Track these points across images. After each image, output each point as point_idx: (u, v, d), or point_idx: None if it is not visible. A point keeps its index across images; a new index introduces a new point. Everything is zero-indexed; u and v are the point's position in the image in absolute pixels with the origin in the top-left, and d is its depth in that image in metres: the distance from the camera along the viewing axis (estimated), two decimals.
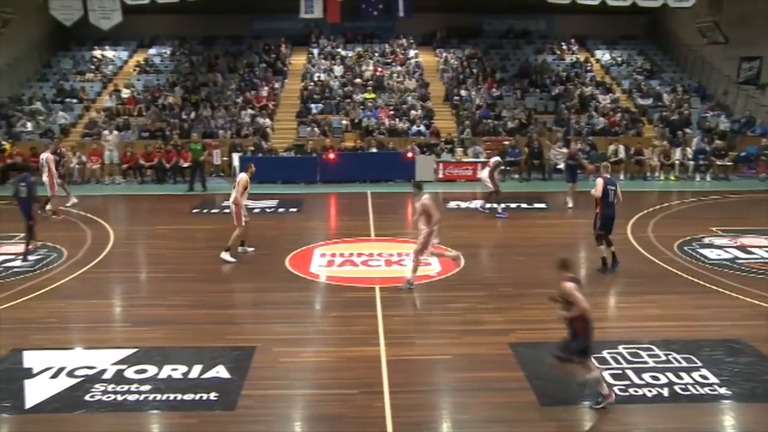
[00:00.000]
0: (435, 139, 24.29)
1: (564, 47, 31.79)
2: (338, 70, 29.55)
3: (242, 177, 13.74)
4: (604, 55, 31.96)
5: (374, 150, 23.16)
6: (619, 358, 8.80)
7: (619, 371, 8.43)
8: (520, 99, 27.47)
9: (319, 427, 7.54)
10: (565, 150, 22.84)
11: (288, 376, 8.62)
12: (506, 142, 23.97)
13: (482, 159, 22.84)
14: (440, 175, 22.30)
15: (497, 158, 17.95)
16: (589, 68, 30.35)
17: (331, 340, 9.75)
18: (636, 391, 7.95)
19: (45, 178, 17.27)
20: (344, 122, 25.73)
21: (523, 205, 18.58)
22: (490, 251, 14.24)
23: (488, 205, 17.65)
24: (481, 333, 9.82)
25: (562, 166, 22.49)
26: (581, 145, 23.30)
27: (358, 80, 28.54)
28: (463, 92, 27.68)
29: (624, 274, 12.56)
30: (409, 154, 22.30)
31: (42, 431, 7.38)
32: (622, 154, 23.25)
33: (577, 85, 28.38)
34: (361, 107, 26.49)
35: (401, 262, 13.38)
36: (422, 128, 25.17)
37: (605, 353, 8.87)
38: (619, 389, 7.96)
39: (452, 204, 18.74)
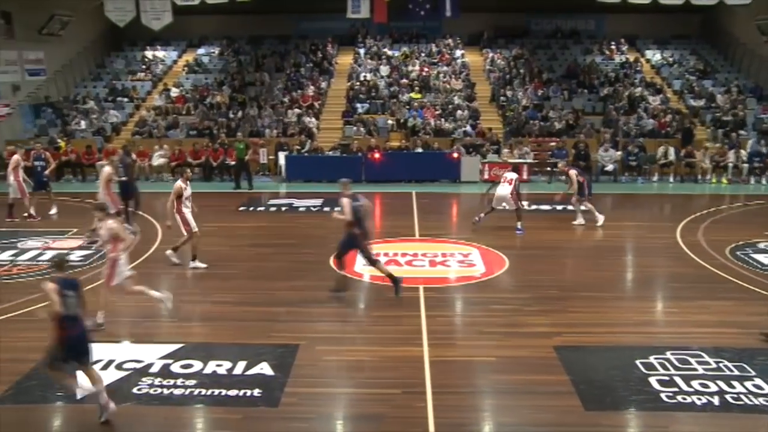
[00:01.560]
0: (481, 139, 24.13)
1: (613, 47, 31.28)
2: (384, 69, 29.57)
3: (176, 184, 13.13)
4: (654, 55, 31.36)
5: (419, 150, 23.11)
6: (667, 364, 8.60)
7: (667, 378, 8.25)
8: (568, 100, 27.14)
9: (360, 426, 7.54)
10: (613, 152, 22.52)
11: (331, 375, 8.65)
12: (552, 144, 23.72)
13: (529, 160, 22.63)
14: (485, 176, 22.13)
15: (515, 174, 16.17)
16: (638, 69, 29.81)
17: (374, 339, 9.74)
18: (684, 399, 7.76)
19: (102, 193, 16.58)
20: (390, 122, 25.74)
21: (570, 208, 18.30)
22: (535, 253, 14.07)
23: (519, 226, 15.87)
24: (525, 335, 9.72)
25: (610, 168, 22.18)
26: (630, 148, 22.95)
27: (404, 80, 28.52)
28: (509, 93, 27.46)
29: (673, 279, 12.31)
30: (455, 155, 22.21)
31: (92, 421, 7.53)
32: (672, 156, 22.78)
33: (626, 85, 27.91)
34: (407, 107, 26.47)
35: (445, 262, 13.33)
36: (468, 128, 25.03)
37: (652, 359, 8.70)
38: (667, 396, 7.79)
39: (497, 205, 18.52)
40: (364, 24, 31.07)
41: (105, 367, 8.72)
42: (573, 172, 16.46)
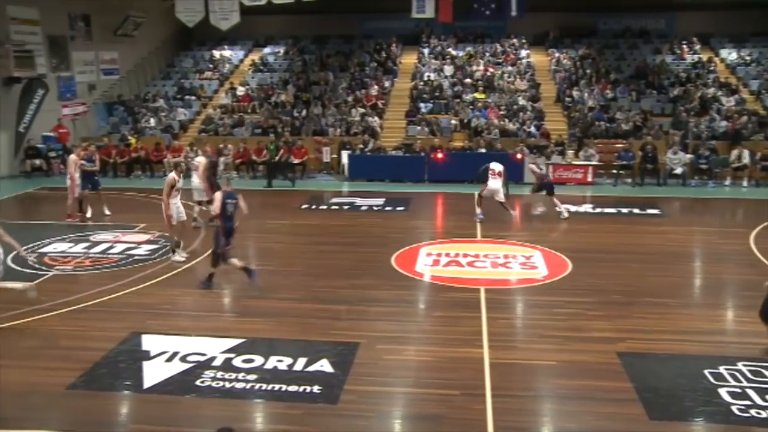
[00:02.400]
0: (545, 140, 23.81)
1: (685, 46, 30.40)
2: (448, 69, 29.46)
3: (169, 176, 13.62)
4: (730, 54, 30.23)
5: (483, 150, 22.93)
6: (739, 375, 8.31)
7: (739, 390, 7.96)
8: (636, 101, 26.52)
9: (419, 427, 7.52)
10: (682, 155, 21.91)
11: (390, 374, 8.65)
12: (619, 146, 23.22)
13: (594, 162, 22.22)
14: (549, 178, 21.77)
15: (502, 166, 17.16)
16: (712, 68, 28.87)
17: (434, 339, 9.71)
18: (758, 413, 7.45)
19: (195, 179, 16.55)
20: (453, 122, 25.63)
21: (636, 211, 17.92)
22: (599, 257, 13.78)
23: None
24: (588, 340, 9.54)
25: (679, 171, 21.58)
26: (701, 150, 22.29)
27: (468, 80, 28.36)
28: (575, 93, 27.01)
29: (746, 287, 11.87)
30: (518, 156, 21.95)
31: (157, 411, 7.73)
32: (746, 160, 22.01)
33: (698, 86, 27.08)
34: (471, 107, 26.31)
35: (507, 264, 13.19)
36: (532, 129, 24.73)
37: (722, 369, 8.42)
38: (739, 409, 7.52)
39: (561, 208, 18.26)
40: (428, 24, 31.02)
41: (170, 359, 8.94)
42: (532, 166, 17.97)
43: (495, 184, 16.78)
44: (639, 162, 22.08)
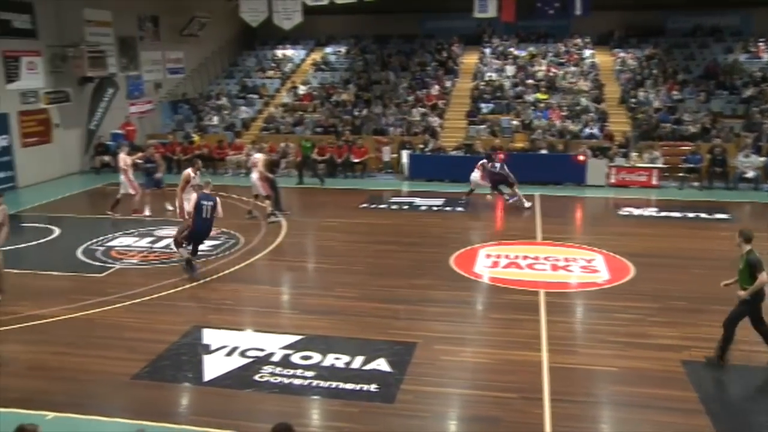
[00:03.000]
0: (608, 142, 23.34)
1: (762, 44, 29.21)
2: (510, 69, 29.15)
3: (186, 172, 14.12)
4: None
5: (544, 151, 22.63)
6: None
7: None
8: (705, 102, 25.73)
9: (475, 428, 7.48)
10: (755, 158, 21.19)
11: (447, 375, 8.63)
12: (685, 148, 22.59)
13: (659, 165, 21.69)
14: (612, 180, 21.38)
15: (483, 159, 18.79)
16: None
17: (492, 341, 9.64)
18: None
19: (254, 174, 16.85)
20: (514, 122, 25.35)
21: (703, 215, 17.41)
22: (664, 261, 13.42)
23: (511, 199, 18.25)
24: (650, 347, 9.32)
25: (751, 175, 20.88)
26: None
27: (530, 80, 28.02)
28: (640, 94, 26.39)
29: None
30: (581, 157, 21.59)
31: (216, 404, 7.88)
32: None
33: None
34: (532, 108, 25.99)
35: (568, 267, 12.99)
36: (595, 131, 24.28)
37: None
38: None
39: (624, 211, 17.92)
40: (490, 23, 30.73)
41: (229, 354, 9.11)
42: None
43: (474, 175, 18.60)
44: (707, 165, 21.43)
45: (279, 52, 32.83)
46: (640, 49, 29.89)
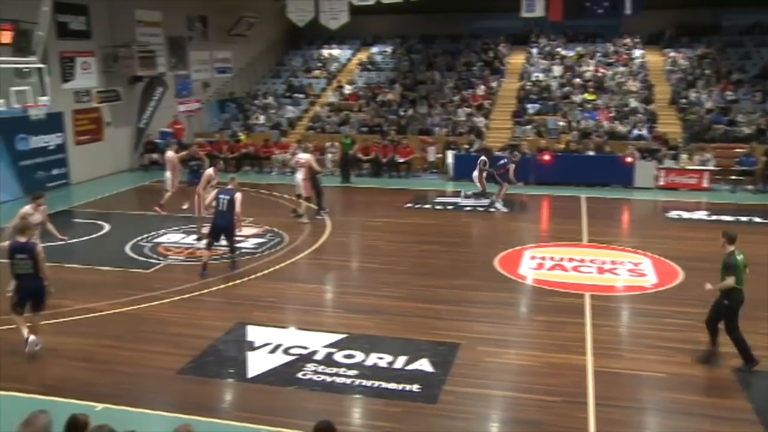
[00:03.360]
0: (657, 144, 22.90)
1: None
2: (557, 70, 28.82)
3: (207, 171, 14.41)
4: None
5: (591, 153, 22.32)
6: None
7: None
8: (761, 102, 25.06)
9: (517, 431, 7.40)
10: None
11: (490, 376, 8.56)
12: (739, 150, 22.03)
13: (710, 167, 21.21)
14: (661, 182, 20.97)
15: (483, 158, 18.47)
16: None
17: (536, 344, 9.53)
18: None
19: (299, 174, 16.67)
20: (561, 123, 25.06)
21: (757, 219, 16.95)
22: (714, 266, 12.94)
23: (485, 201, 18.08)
24: (699, 353, 9.10)
25: None
26: None
27: (577, 80, 27.66)
28: (692, 95, 25.83)
29: None
30: (629, 159, 21.23)
31: (259, 400, 7.95)
32: None
33: None
34: (579, 108, 25.65)
35: (614, 270, 12.78)
36: (644, 132, 23.85)
37: None
38: None
39: (673, 213, 17.56)
40: (537, 23, 30.44)
41: (273, 351, 9.18)
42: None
43: (474, 174, 18.38)
44: (762, 168, 20.85)
45: (325, 52, 33.01)
46: (692, 48, 29.23)
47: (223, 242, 12.71)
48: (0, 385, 8.23)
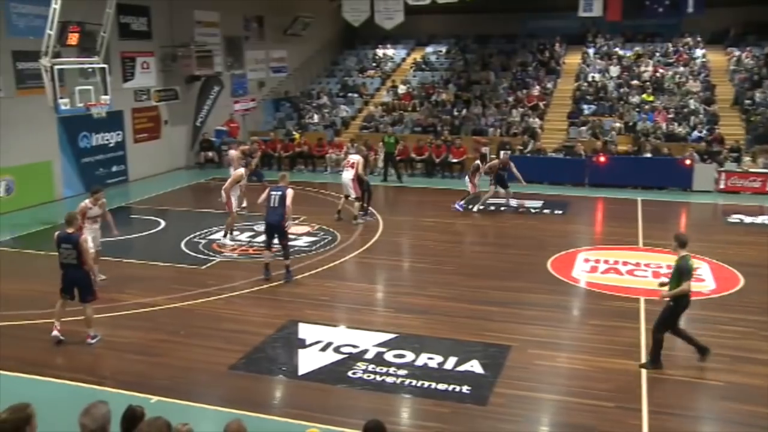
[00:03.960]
0: (718, 146, 22.29)
1: None
2: (614, 70, 28.30)
3: (238, 171, 14.57)
4: None
5: (648, 155, 21.85)
6: None
7: None
8: None
9: None
10: None
11: (541, 379, 8.46)
12: None
13: None
14: (721, 186, 20.40)
15: (477, 162, 18.38)
16: None
17: (589, 348, 9.38)
18: None
19: (346, 174, 16.57)
20: (617, 124, 24.61)
21: None
22: None
23: (461, 203, 17.77)
24: (761, 363, 8.84)
25: None
26: None
27: (635, 81, 27.11)
28: (757, 95, 25.05)
29: None
30: (687, 161, 20.72)
31: (309, 398, 8.01)
32: None
33: None
34: (637, 109, 25.15)
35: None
36: (704, 134, 23.25)
37: None
38: None
39: (734, 218, 17.06)
40: (595, 22, 29.93)
41: (324, 349, 9.23)
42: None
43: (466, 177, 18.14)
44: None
45: (380, 52, 33.10)
46: (759, 46, 28.24)
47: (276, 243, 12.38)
48: (63, 375, 8.51)
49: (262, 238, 14.79)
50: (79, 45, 17.19)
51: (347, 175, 16.41)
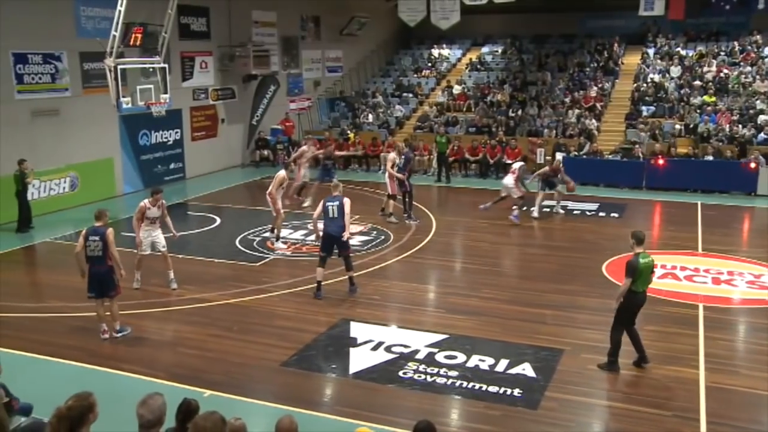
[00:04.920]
0: None
1: None
2: (675, 70, 27.61)
3: (280, 173, 14.43)
4: None
5: (710, 158, 21.27)
6: None
7: None
8: None
9: None
10: None
11: (594, 385, 8.33)
12: None
13: None
14: None
15: (522, 163, 17.65)
16: None
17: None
18: None
19: (386, 175, 16.79)
20: (678, 126, 24.02)
21: None
22: None
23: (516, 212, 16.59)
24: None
25: None
26: None
27: (697, 82, 26.41)
28: None
29: None
30: (752, 165, 20.09)
31: (360, 397, 8.04)
32: None
33: None
34: (698, 111, 24.50)
35: (732, 281, 12.14)
36: None
37: None
38: None
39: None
40: (655, 22, 29.29)
41: (375, 348, 9.26)
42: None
43: (507, 180, 16.97)
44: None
45: (435, 52, 33.02)
46: None
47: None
48: (123, 367, 8.73)
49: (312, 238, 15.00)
50: (141, 45, 17.65)
51: (386, 173, 16.84)
